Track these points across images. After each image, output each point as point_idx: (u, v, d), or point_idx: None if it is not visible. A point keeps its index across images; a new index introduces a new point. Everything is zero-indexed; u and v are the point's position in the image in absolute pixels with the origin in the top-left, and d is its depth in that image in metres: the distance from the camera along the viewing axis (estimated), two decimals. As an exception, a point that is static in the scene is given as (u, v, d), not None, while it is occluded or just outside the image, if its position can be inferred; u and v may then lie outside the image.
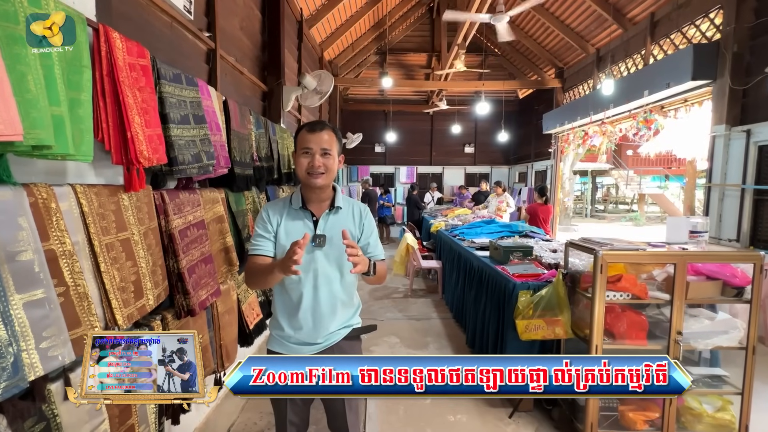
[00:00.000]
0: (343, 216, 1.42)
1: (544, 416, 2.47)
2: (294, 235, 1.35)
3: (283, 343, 1.42)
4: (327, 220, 1.39)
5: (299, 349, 1.40)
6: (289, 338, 1.41)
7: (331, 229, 1.38)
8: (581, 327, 2.22)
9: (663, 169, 16.24)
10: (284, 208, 1.42)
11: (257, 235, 1.40)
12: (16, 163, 1.11)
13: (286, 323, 1.41)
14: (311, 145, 1.34)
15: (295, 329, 1.40)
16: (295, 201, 1.41)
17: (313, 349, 1.40)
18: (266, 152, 3.14)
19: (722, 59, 4.34)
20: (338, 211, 1.41)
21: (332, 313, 1.40)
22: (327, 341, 1.40)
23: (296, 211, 1.40)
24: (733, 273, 2.06)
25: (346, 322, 1.45)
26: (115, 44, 1.38)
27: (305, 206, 1.40)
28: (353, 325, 1.47)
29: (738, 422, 2.04)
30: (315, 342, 1.39)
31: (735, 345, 2.04)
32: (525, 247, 3.19)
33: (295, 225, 1.38)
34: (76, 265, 1.20)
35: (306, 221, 1.39)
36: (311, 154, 1.34)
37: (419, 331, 3.94)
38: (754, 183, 3.99)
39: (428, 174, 12.68)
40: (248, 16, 3.96)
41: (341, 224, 1.39)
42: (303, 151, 1.36)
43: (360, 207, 1.48)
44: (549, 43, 8.70)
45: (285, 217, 1.40)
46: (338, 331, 1.42)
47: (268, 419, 2.45)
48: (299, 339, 1.40)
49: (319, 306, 1.38)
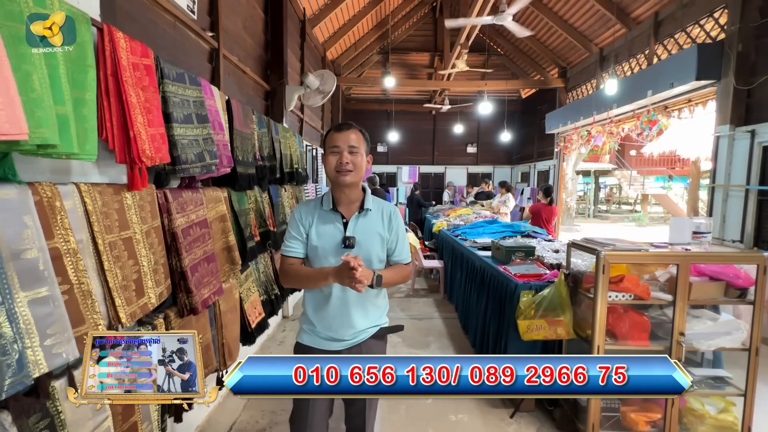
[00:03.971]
0: (372, 218, 1.45)
1: (545, 417, 2.47)
2: (325, 237, 1.41)
3: (313, 337, 1.47)
4: (356, 222, 1.43)
5: (328, 344, 1.45)
6: (319, 333, 1.46)
7: (360, 231, 1.42)
8: (583, 327, 2.21)
9: (666, 170, 16.18)
10: (315, 209, 1.46)
11: (290, 237, 1.45)
12: (22, 161, 1.12)
13: (316, 319, 1.46)
14: (339, 143, 1.38)
15: (323, 326, 1.45)
16: (326, 202, 1.45)
17: (340, 345, 1.44)
18: (269, 151, 3.15)
19: (727, 59, 4.31)
20: (367, 213, 1.45)
21: (360, 312, 1.44)
22: (355, 339, 1.45)
23: (327, 212, 1.44)
24: (737, 274, 2.05)
25: (374, 321, 1.49)
26: (119, 44, 1.39)
27: (335, 208, 1.44)
28: (381, 324, 1.51)
29: (741, 424, 2.03)
30: (343, 339, 1.44)
31: (738, 346, 2.03)
32: (527, 247, 3.19)
33: (326, 227, 1.43)
34: (80, 263, 1.21)
35: (336, 224, 1.43)
36: (339, 152, 1.38)
37: (421, 330, 3.95)
38: (759, 184, 3.97)
39: (431, 174, 12.68)
40: (251, 16, 3.97)
41: (370, 226, 1.43)
42: (331, 150, 1.40)
43: (390, 208, 1.51)
44: (552, 43, 8.67)
45: (316, 218, 1.44)
46: (366, 329, 1.47)
47: (270, 417, 2.46)
48: (328, 335, 1.45)
49: (348, 305, 1.42)
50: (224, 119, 2.36)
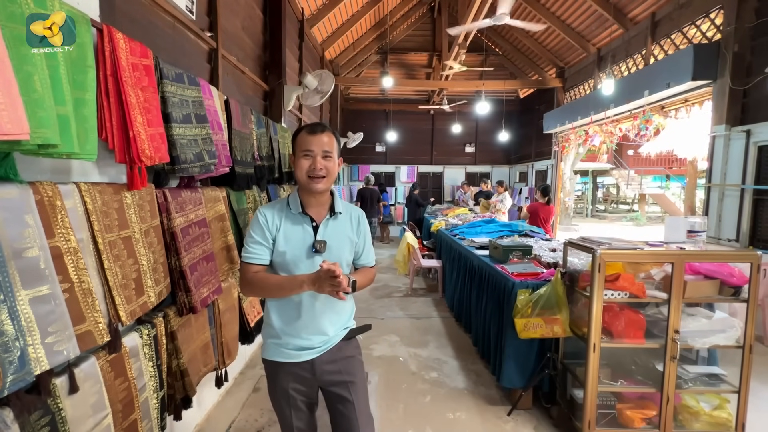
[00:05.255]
0: (342, 221, 1.41)
1: (542, 414, 2.49)
2: (294, 241, 1.33)
3: (280, 350, 1.38)
4: (327, 226, 1.37)
5: (297, 354, 1.36)
6: (287, 345, 1.37)
7: (331, 235, 1.36)
8: (579, 325, 2.23)
9: (664, 169, 16.25)
10: (282, 211, 1.37)
11: (253, 242, 1.33)
12: (23, 161, 1.13)
13: (283, 330, 1.37)
14: (312, 147, 1.31)
15: (292, 336, 1.36)
16: (293, 205, 1.37)
17: (311, 353, 1.37)
18: (267, 151, 3.16)
19: (723, 59, 4.34)
20: (338, 217, 1.40)
21: (330, 318, 1.38)
22: (325, 345, 1.39)
23: (295, 215, 1.36)
24: (731, 272, 2.07)
25: (343, 325, 1.44)
26: (119, 44, 1.40)
27: (304, 211, 1.37)
28: (349, 326, 1.47)
29: (735, 421, 2.06)
30: (313, 346, 1.37)
31: (732, 344, 2.05)
32: (524, 246, 3.21)
33: (294, 230, 1.35)
34: (80, 261, 1.23)
35: (306, 226, 1.35)
36: (312, 156, 1.31)
37: (419, 329, 3.96)
38: (754, 183, 4.00)
39: (429, 173, 12.71)
40: (250, 16, 3.98)
41: (341, 230, 1.39)
42: (303, 153, 1.32)
43: (358, 212, 1.48)
44: (550, 43, 8.70)
45: (284, 221, 1.35)
46: (336, 335, 1.41)
47: (269, 416, 2.47)
48: (297, 344, 1.36)
49: (318, 311, 1.36)
50: (223, 119, 2.37)
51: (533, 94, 11.27)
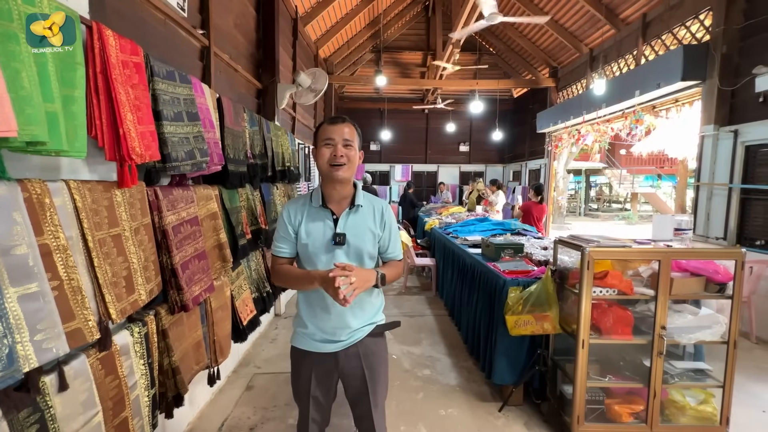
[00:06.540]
0: (363, 214, 1.41)
1: (533, 410, 2.52)
2: (315, 235, 1.38)
3: (307, 340, 1.43)
4: (347, 219, 1.38)
5: (323, 346, 1.41)
6: (313, 335, 1.42)
7: (351, 228, 1.38)
8: (569, 322, 2.26)
9: (655, 169, 16.42)
10: (305, 206, 1.42)
11: (279, 237, 1.43)
12: (11, 158, 1.13)
13: (310, 321, 1.42)
14: (334, 136, 1.34)
15: (318, 327, 1.41)
16: (315, 199, 1.41)
17: (337, 346, 1.41)
18: (260, 149, 3.16)
19: (711, 60, 4.41)
20: (359, 210, 1.40)
21: (354, 311, 1.40)
22: (350, 338, 1.41)
23: (316, 209, 1.40)
24: (716, 269, 2.11)
25: (369, 319, 1.45)
26: (109, 41, 1.39)
27: (325, 204, 1.40)
28: (377, 322, 1.48)
29: (719, 415, 2.10)
30: (339, 339, 1.41)
31: (717, 339, 2.09)
32: (516, 245, 3.24)
33: (315, 225, 1.38)
34: (69, 259, 1.22)
35: (326, 221, 1.38)
36: (333, 144, 1.34)
37: (413, 327, 3.98)
38: (741, 182, 4.07)
39: (423, 172, 12.74)
40: (243, 14, 3.96)
41: (361, 222, 1.40)
42: (325, 142, 1.35)
43: (382, 204, 1.47)
44: (543, 43, 8.75)
45: (306, 216, 1.40)
46: (362, 328, 1.43)
47: (261, 414, 2.47)
48: (323, 336, 1.41)
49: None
50: (215, 117, 2.36)
51: (527, 93, 11.33)
